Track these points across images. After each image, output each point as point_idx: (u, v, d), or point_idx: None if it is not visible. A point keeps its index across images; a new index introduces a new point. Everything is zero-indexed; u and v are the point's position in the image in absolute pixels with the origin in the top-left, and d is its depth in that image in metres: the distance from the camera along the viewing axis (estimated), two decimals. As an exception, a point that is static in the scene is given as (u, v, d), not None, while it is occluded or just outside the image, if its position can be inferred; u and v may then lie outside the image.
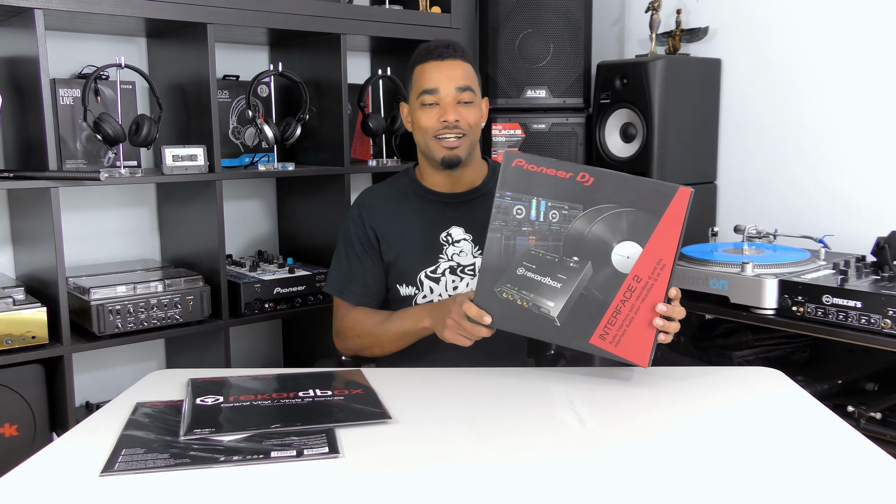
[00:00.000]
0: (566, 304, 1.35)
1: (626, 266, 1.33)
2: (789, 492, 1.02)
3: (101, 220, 2.38)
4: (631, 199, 1.32)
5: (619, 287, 1.34)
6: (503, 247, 1.37)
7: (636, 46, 2.95)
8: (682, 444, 1.16)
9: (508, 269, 1.37)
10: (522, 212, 1.36)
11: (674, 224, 1.31)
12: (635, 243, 1.32)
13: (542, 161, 1.35)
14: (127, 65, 2.08)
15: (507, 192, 1.36)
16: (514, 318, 1.39)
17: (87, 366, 2.34)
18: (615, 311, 1.35)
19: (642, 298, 1.34)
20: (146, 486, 1.03)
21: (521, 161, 1.35)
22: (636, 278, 1.33)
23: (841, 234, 2.36)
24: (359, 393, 1.35)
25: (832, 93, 2.44)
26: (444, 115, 1.64)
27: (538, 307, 1.37)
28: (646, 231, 1.32)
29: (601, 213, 1.33)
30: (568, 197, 1.34)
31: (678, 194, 1.30)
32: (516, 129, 2.72)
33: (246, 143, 2.49)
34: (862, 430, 1.73)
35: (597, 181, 1.33)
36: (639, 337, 1.35)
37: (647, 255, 1.32)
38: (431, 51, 1.68)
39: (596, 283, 1.34)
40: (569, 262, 1.35)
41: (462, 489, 1.03)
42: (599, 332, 1.36)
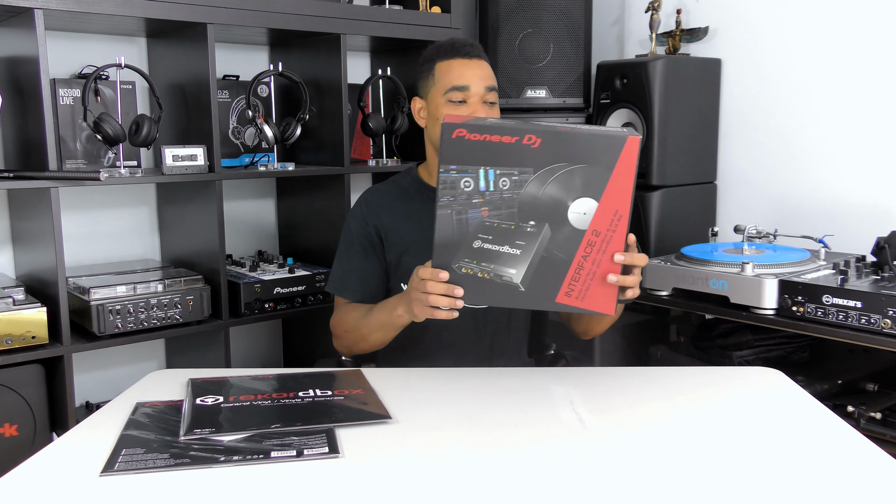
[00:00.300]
0: (528, 269, 1.33)
1: (584, 222, 1.31)
2: (789, 492, 1.02)
3: (101, 220, 2.38)
4: (581, 155, 1.28)
5: (578, 244, 1.32)
6: (455, 222, 1.32)
7: (636, 46, 2.95)
8: (682, 444, 1.16)
9: (464, 244, 1.33)
10: (471, 184, 1.31)
11: (626, 173, 1.28)
12: (591, 199, 1.30)
13: (484, 128, 1.29)
14: (127, 65, 2.08)
15: (450, 165, 1.30)
16: (477, 291, 1.35)
17: (87, 366, 2.34)
18: (578, 267, 1.33)
19: (603, 251, 1.32)
20: (146, 486, 1.02)
21: (462, 131, 1.28)
22: (595, 233, 1.31)
23: (841, 234, 2.36)
24: (359, 393, 1.35)
25: (832, 92, 2.44)
26: (474, 113, 1.64)
27: (500, 276, 1.33)
28: (599, 185, 1.29)
29: (553, 173, 1.29)
30: (517, 162, 1.30)
31: (628, 143, 1.27)
32: (516, 129, 2.71)
33: (246, 143, 2.49)
34: (862, 430, 1.73)
35: (544, 142, 1.28)
36: (603, 288, 1.34)
37: (604, 209, 1.30)
38: (458, 48, 1.68)
39: (555, 243, 1.32)
40: (525, 227, 1.32)
41: (462, 489, 1.03)
42: (564, 290, 1.34)
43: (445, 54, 1.68)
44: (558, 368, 1.65)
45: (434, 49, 1.71)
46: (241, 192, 2.63)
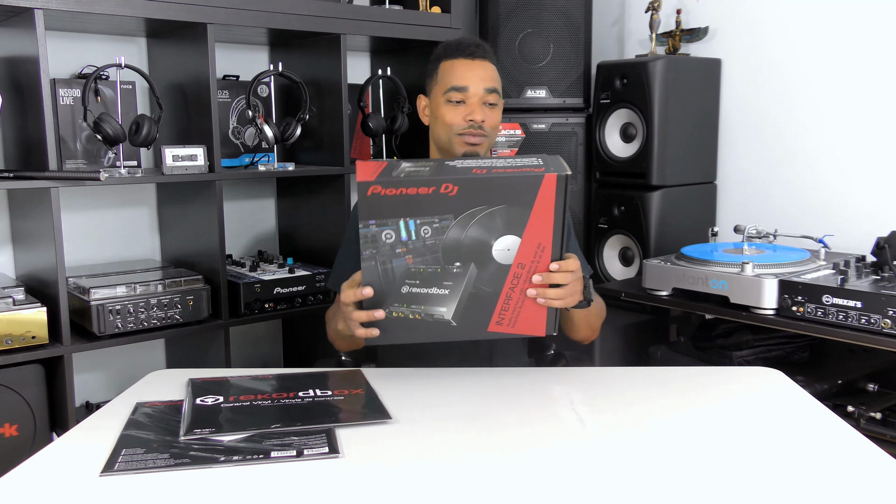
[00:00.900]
0: (458, 306, 1.35)
1: (509, 258, 1.33)
2: (789, 492, 1.02)
3: (101, 220, 2.38)
4: (500, 197, 1.29)
5: (505, 278, 1.34)
6: (381, 272, 1.33)
7: (636, 46, 2.95)
8: (682, 444, 1.16)
9: (392, 291, 1.34)
10: (392, 236, 1.31)
11: (546, 208, 1.30)
12: (513, 235, 1.32)
13: (399, 182, 1.28)
14: (127, 65, 2.08)
15: (370, 220, 1.30)
16: (410, 330, 1.37)
17: (87, 366, 2.34)
18: (506, 298, 1.35)
19: (528, 280, 1.35)
20: (146, 486, 1.02)
21: (377, 188, 1.27)
22: (520, 265, 1.34)
23: (841, 234, 2.36)
24: (359, 393, 1.35)
25: (832, 93, 2.44)
26: (471, 115, 1.65)
27: (431, 316, 1.35)
28: (520, 222, 1.31)
29: (473, 216, 1.30)
30: (436, 211, 1.30)
31: (545, 182, 1.28)
32: (516, 129, 2.72)
33: (246, 143, 2.49)
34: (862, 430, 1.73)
35: (461, 189, 1.29)
36: (532, 313, 1.37)
37: (527, 243, 1.32)
38: (463, 48, 1.68)
39: (482, 279, 1.34)
40: (451, 268, 1.34)
41: (462, 489, 1.03)
42: (495, 319, 1.37)
43: (450, 54, 1.69)
44: (558, 368, 1.65)
45: (441, 48, 1.72)
46: (241, 192, 2.63)
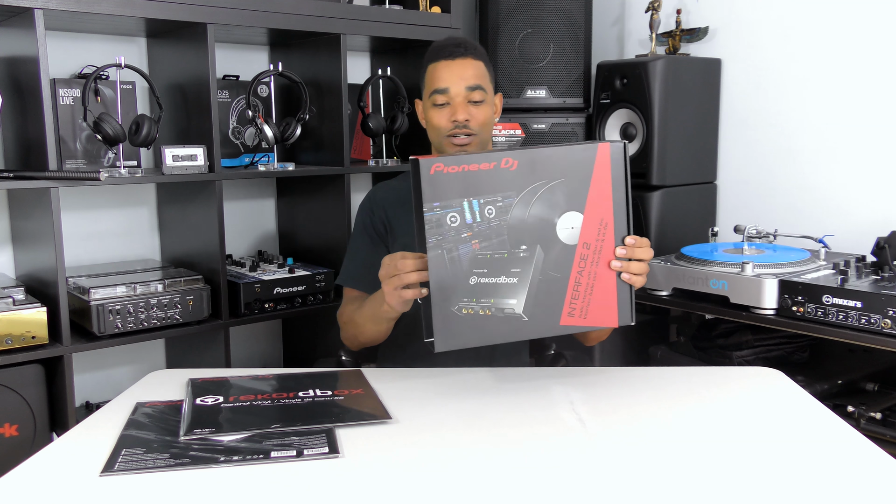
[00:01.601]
0: (528, 296, 1.31)
1: (574, 237, 1.30)
2: (789, 492, 1.02)
3: (101, 220, 2.38)
4: (559, 170, 1.28)
5: (572, 260, 1.31)
6: (448, 262, 1.28)
7: (636, 46, 2.95)
8: (682, 444, 1.16)
9: (460, 284, 1.29)
10: (457, 219, 1.28)
11: (604, 181, 1.29)
12: (576, 212, 1.30)
13: (459, 159, 1.27)
14: (127, 65, 2.08)
15: (434, 203, 1.26)
16: (480, 331, 1.31)
17: (87, 366, 2.34)
18: (575, 284, 1.32)
19: (596, 263, 1.32)
20: (146, 486, 1.03)
21: (439, 166, 1.26)
22: (586, 245, 1.31)
23: (841, 234, 2.36)
24: (359, 393, 1.35)
25: (832, 93, 2.44)
26: (454, 115, 1.65)
27: (502, 310, 1.31)
28: (581, 197, 1.29)
29: (535, 192, 1.29)
30: (498, 188, 1.28)
31: (600, 151, 1.29)
32: (516, 129, 2.72)
33: (246, 143, 2.49)
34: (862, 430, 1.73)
35: (521, 163, 1.28)
36: (604, 301, 1.33)
37: (589, 220, 1.30)
38: (442, 49, 1.68)
39: (549, 263, 1.30)
40: (518, 252, 1.30)
41: (462, 489, 1.03)
42: (567, 310, 1.32)
43: (433, 57, 1.69)
44: (558, 368, 1.65)
45: (428, 51, 1.72)
46: (241, 192, 2.63)
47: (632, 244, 1.32)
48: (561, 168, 1.29)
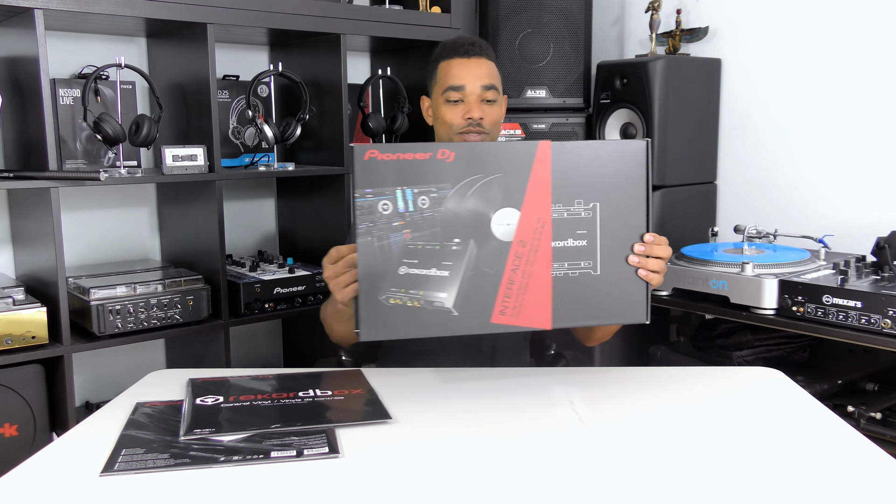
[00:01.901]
0: (459, 291, 1.29)
1: (509, 234, 1.29)
2: (789, 492, 1.02)
3: (101, 220, 2.38)
4: (497, 165, 1.27)
5: (506, 257, 1.29)
6: (378, 249, 1.26)
7: (636, 46, 2.95)
8: (681, 444, 1.16)
9: (389, 273, 1.27)
10: (389, 206, 1.26)
11: (544, 179, 1.28)
12: (512, 208, 1.28)
13: (395, 147, 1.26)
14: (127, 65, 2.08)
15: (366, 189, 1.25)
16: (408, 322, 1.29)
17: (87, 366, 2.34)
18: (508, 282, 1.29)
19: (532, 262, 1.29)
20: (146, 486, 1.02)
21: (374, 153, 1.25)
22: (521, 243, 1.29)
23: (841, 234, 2.36)
24: (359, 393, 1.35)
25: (832, 93, 2.44)
26: (468, 113, 1.66)
27: (431, 303, 1.29)
28: (518, 193, 1.28)
29: (471, 186, 1.27)
30: (433, 178, 1.26)
31: (540, 149, 1.27)
32: (516, 129, 2.72)
33: (246, 143, 2.49)
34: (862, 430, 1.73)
35: (458, 155, 1.27)
36: (538, 301, 1.31)
37: (526, 217, 1.28)
38: (458, 47, 1.69)
39: (483, 259, 1.28)
40: (451, 245, 1.28)
41: (462, 489, 1.03)
42: (499, 308, 1.30)
43: (447, 54, 1.70)
44: (558, 368, 1.65)
45: (439, 48, 1.73)
46: (241, 192, 2.63)
47: (651, 241, 1.32)
48: (499, 163, 1.27)
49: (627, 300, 1.35)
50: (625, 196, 1.32)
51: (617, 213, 1.32)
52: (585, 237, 1.31)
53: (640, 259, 1.32)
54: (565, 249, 1.31)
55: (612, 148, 1.33)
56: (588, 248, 1.32)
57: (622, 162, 1.31)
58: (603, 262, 1.33)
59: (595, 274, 1.33)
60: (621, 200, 1.32)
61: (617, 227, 1.33)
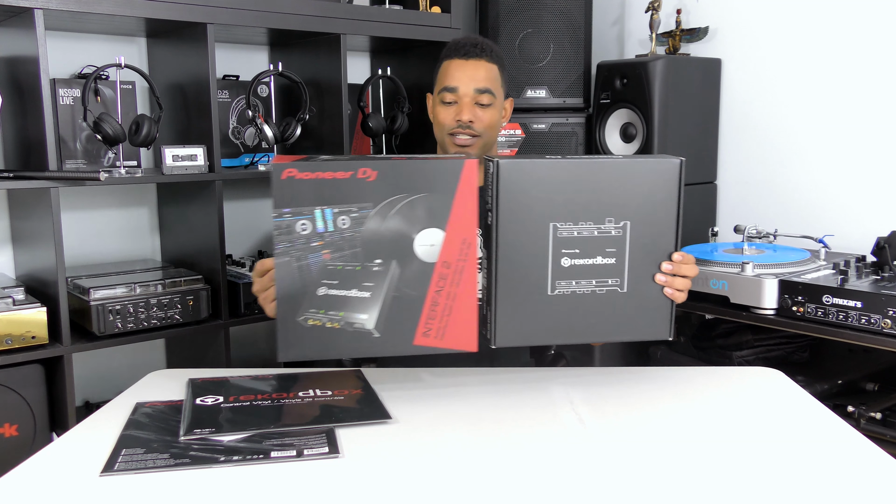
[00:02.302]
0: (380, 313, 1.26)
1: (433, 255, 1.25)
2: (789, 492, 1.02)
3: (101, 220, 2.38)
4: (420, 184, 1.24)
5: (430, 279, 1.26)
6: (296, 270, 1.24)
7: (636, 46, 2.95)
8: (682, 444, 1.16)
9: (308, 294, 1.25)
10: (307, 226, 1.23)
11: (469, 199, 1.24)
12: (436, 229, 1.25)
13: (316, 166, 1.22)
14: (127, 65, 2.08)
15: (284, 209, 1.22)
16: (327, 343, 1.27)
17: (87, 366, 2.34)
18: (432, 304, 1.27)
19: (457, 283, 1.26)
20: (146, 486, 1.02)
21: (292, 171, 1.21)
22: (445, 264, 1.26)
23: (841, 234, 2.36)
24: (359, 393, 1.35)
25: (832, 92, 2.44)
26: (459, 114, 1.66)
27: (352, 324, 1.26)
28: (443, 213, 1.24)
29: (393, 205, 1.24)
30: (354, 198, 1.23)
31: (466, 167, 1.23)
32: (516, 129, 2.72)
33: (246, 143, 2.49)
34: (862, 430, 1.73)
35: (380, 174, 1.23)
36: (463, 323, 1.28)
37: (451, 238, 1.25)
38: (459, 48, 1.69)
39: (405, 280, 1.26)
40: (372, 266, 1.25)
41: (462, 489, 1.03)
42: (422, 330, 1.28)
43: (449, 53, 1.70)
44: (558, 368, 1.65)
45: (446, 47, 1.74)
46: (241, 192, 2.63)
47: (679, 260, 1.32)
48: (423, 182, 1.24)
49: (652, 317, 1.35)
50: (656, 214, 1.31)
51: (647, 231, 1.31)
52: (615, 255, 1.31)
53: (668, 278, 1.33)
54: (594, 267, 1.30)
55: (647, 167, 1.31)
56: (616, 265, 1.31)
57: (655, 180, 1.30)
58: (630, 279, 1.32)
59: (622, 291, 1.32)
60: (652, 218, 1.31)
61: (646, 245, 1.32)
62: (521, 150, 2.72)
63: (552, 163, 1.30)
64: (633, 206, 1.30)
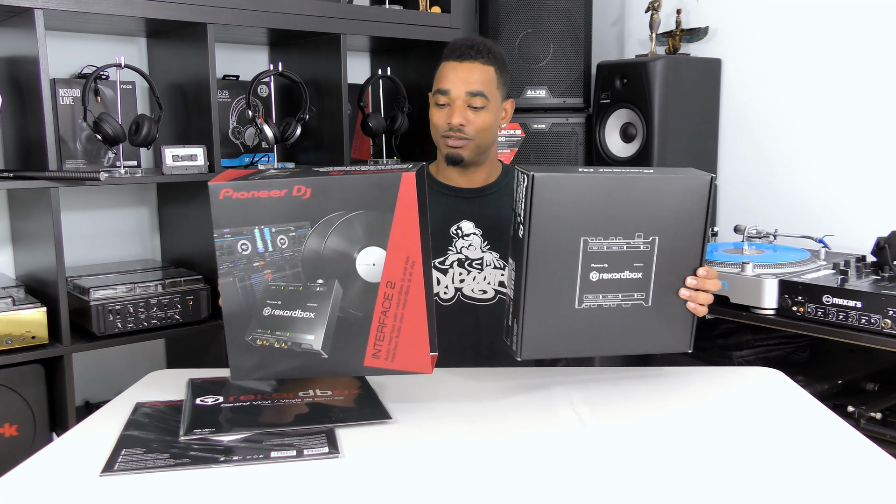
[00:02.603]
0: (326, 333, 1.24)
1: (376, 274, 1.21)
2: (789, 492, 1.02)
3: (101, 220, 2.38)
4: (356, 201, 1.19)
5: (374, 299, 1.22)
6: (240, 290, 1.23)
7: (636, 46, 2.95)
8: (682, 444, 1.16)
9: (254, 314, 1.24)
10: (248, 246, 1.22)
11: (409, 214, 1.19)
12: (377, 247, 1.21)
13: (251, 184, 1.20)
14: (127, 65, 2.08)
15: (224, 229, 1.21)
16: (278, 362, 1.26)
17: (87, 366, 2.34)
18: (379, 325, 1.23)
19: (403, 304, 1.22)
20: (146, 486, 1.02)
21: (228, 191, 1.20)
22: (390, 284, 1.21)
23: (841, 234, 2.36)
24: (359, 393, 1.35)
25: (832, 92, 2.44)
26: (449, 118, 1.65)
27: (299, 345, 1.24)
28: (383, 231, 1.20)
29: (331, 224, 1.20)
30: (290, 217, 1.20)
31: (404, 181, 1.18)
32: (516, 129, 2.72)
33: (246, 143, 2.49)
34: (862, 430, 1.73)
35: (315, 191, 1.19)
36: (414, 344, 1.24)
37: (393, 256, 1.20)
38: (455, 50, 1.68)
39: (350, 300, 1.23)
40: (314, 287, 1.23)
41: (462, 489, 1.03)
42: (371, 351, 1.24)
43: (446, 55, 1.70)
44: (558, 368, 1.65)
45: (446, 47, 1.73)
46: (241, 192, 2.62)
47: (704, 276, 1.34)
48: (359, 198, 1.20)
49: (674, 330, 1.37)
50: (683, 230, 1.32)
51: (674, 245, 1.32)
52: (642, 269, 1.32)
53: (692, 293, 1.34)
54: (621, 281, 1.31)
55: (678, 183, 1.31)
56: (643, 280, 1.32)
57: (685, 197, 1.31)
58: (655, 293, 1.33)
59: (646, 305, 1.33)
60: (680, 233, 1.32)
61: (672, 260, 1.33)
62: (520, 151, 2.72)
63: (586, 177, 1.29)
64: (663, 221, 1.31)
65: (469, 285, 1.68)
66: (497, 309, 1.67)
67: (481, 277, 1.69)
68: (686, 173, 1.33)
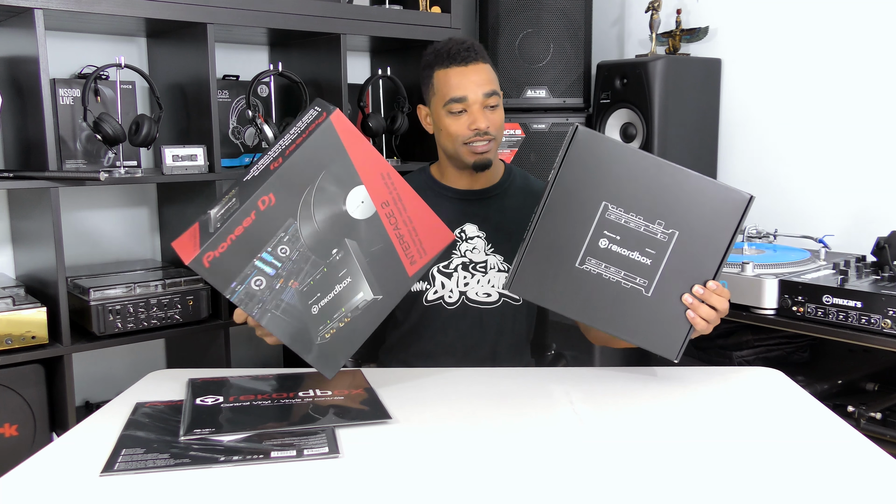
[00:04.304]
0: (369, 281, 1.32)
1: (369, 208, 1.30)
2: (789, 492, 1.02)
3: (101, 220, 2.38)
4: (313, 168, 1.26)
5: (382, 225, 1.31)
6: (282, 315, 1.29)
7: (636, 46, 2.95)
8: (681, 444, 1.16)
9: (307, 320, 1.30)
10: (261, 281, 1.27)
11: (357, 140, 1.27)
12: (355, 187, 1.28)
13: (221, 232, 1.23)
14: (127, 65, 2.08)
15: (231, 285, 1.26)
16: (351, 337, 1.34)
17: (87, 366, 2.34)
18: (398, 239, 1.33)
19: (403, 209, 1.32)
20: (146, 486, 1.02)
21: (209, 255, 1.23)
22: (384, 204, 1.31)
23: (841, 234, 2.36)
24: (359, 393, 1.35)
25: (832, 92, 2.44)
26: (474, 123, 1.61)
27: (357, 308, 1.32)
28: (349, 172, 1.27)
29: (308, 203, 1.26)
30: (273, 227, 1.25)
31: (335, 120, 1.26)
32: (516, 129, 2.72)
33: (246, 143, 2.49)
34: (862, 430, 1.73)
35: (276, 191, 1.24)
36: (429, 227, 1.35)
37: (371, 183, 1.29)
38: (454, 55, 1.64)
39: (366, 242, 1.31)
40: (334, 259, 1.30)
41: (462, 489, 1.03)
42: (407, 262, 1.34)
43: (442, 62, 1.64)
44: (558, 368, 1.65)
45: (432, 55, 1.68)
46: (241, 192, 2.63)
47: (712, 289, 1.33)
48: (313, 164, 1.26)
49: (665, 333, 1.36)
50: (707, 238, 1.32)
51: (692, 249, 1.32)
52: (652, 257, 1.32)
53: (695, 302, 1.33)
54: (628, 260, 1.32)
55: (718, 191, 1.32)
56: (650, 268, 1.32)
57: (719, 207, 1.31)
58: (658, 287, 1.33)
59: (645, 295, 1.33)
60: (702, 240, 1.32)
61: (686, 262, 1.32)
62: (521, 150, 2.72)
63: (626, 147, 1.32)
64: (688, 221, 1.31)
65: (473, 289, 1.68)
66: (498, 311, 1.67)
67: (485, 281, 1.68)
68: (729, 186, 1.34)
